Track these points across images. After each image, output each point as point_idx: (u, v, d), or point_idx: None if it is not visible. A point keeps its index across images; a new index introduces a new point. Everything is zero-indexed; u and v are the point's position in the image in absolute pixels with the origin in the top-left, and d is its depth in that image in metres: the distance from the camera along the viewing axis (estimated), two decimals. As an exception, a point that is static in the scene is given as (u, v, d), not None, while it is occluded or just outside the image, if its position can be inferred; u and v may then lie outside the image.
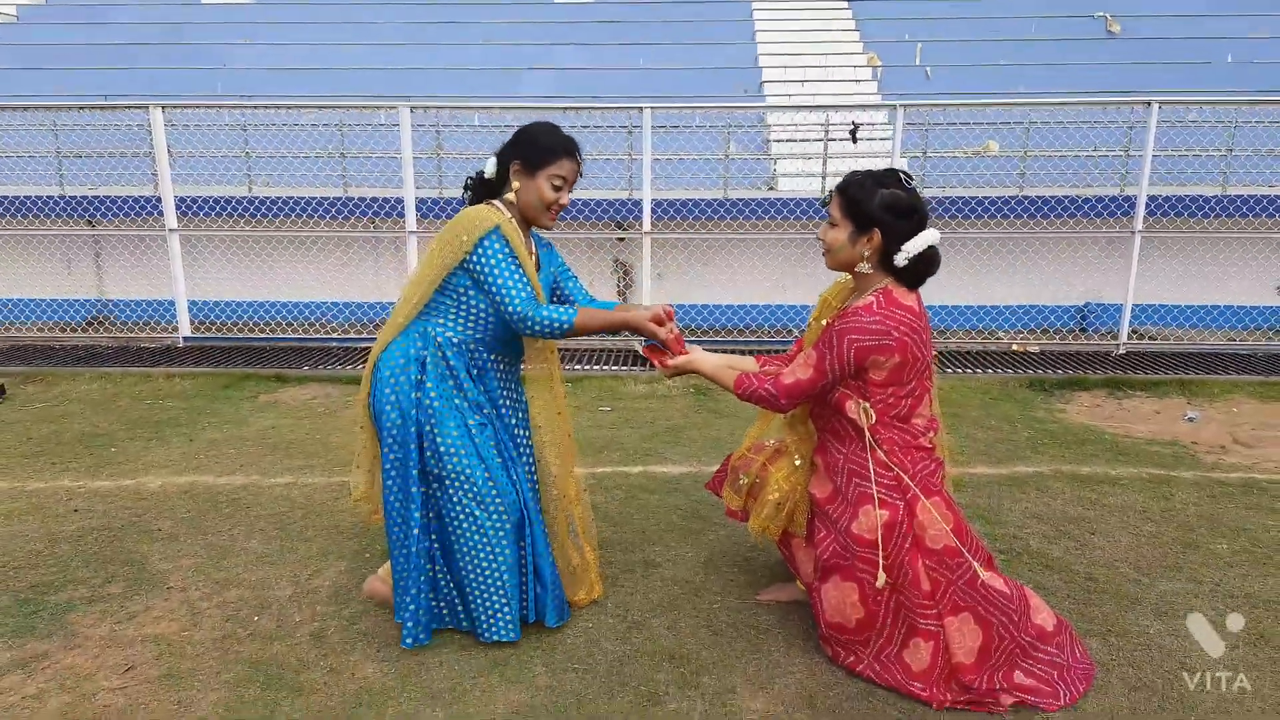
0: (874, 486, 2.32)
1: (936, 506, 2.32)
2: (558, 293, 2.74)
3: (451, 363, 2.51)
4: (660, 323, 2.53)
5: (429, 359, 2.51)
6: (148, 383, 5.57)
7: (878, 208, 2.28)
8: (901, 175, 2.33)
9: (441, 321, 2.54)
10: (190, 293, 6.79)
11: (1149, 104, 6.07)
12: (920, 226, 2.30)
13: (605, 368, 5.92)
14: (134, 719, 2.24)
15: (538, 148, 2.51)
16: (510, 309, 2.42)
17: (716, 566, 3.06)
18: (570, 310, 2.46)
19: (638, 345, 6.54)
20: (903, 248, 2.28)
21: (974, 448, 4.34)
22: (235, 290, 7.44)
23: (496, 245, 2.42)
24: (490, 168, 2.58)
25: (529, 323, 2.43)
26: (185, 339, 6.55)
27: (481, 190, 2.63)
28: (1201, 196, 6.86)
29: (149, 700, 2.32)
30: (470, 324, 2.53)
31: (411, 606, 2.55)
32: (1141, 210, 6.22)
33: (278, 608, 2.80)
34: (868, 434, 2.32)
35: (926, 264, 2.34)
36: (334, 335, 6.85)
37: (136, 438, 4.52)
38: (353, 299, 7.49)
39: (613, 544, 3.24)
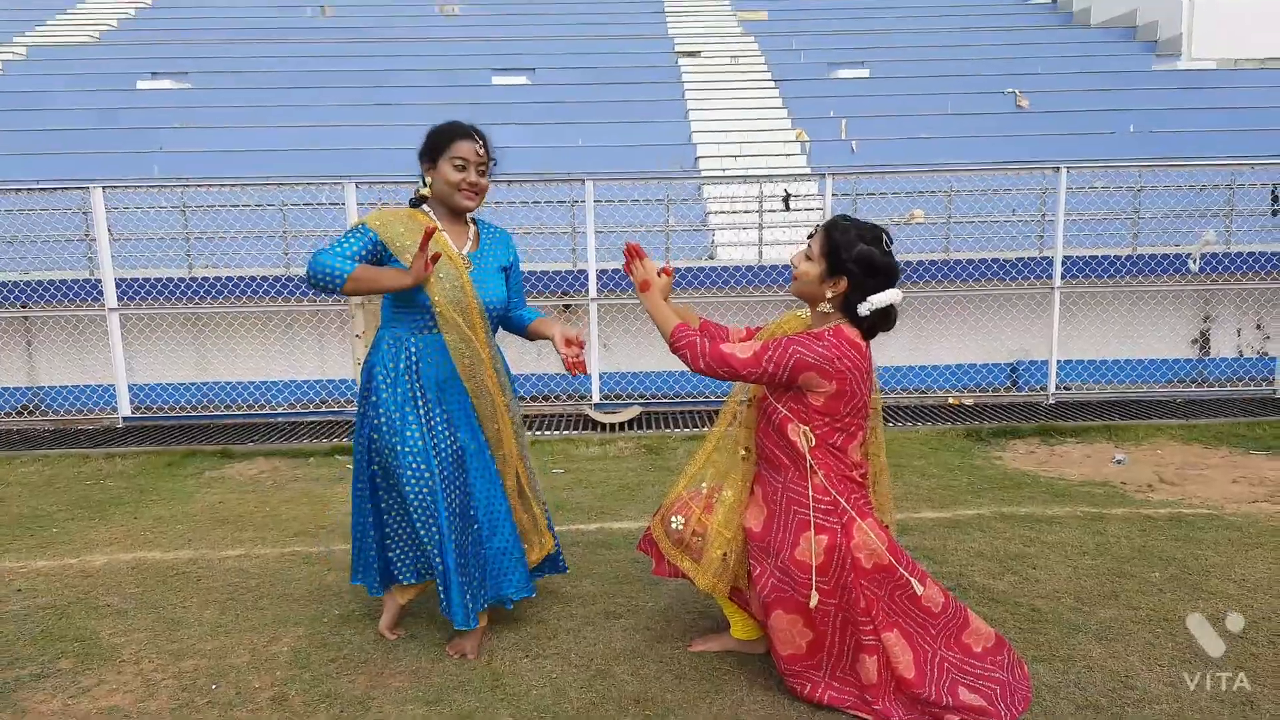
0: (811, 512, 2.43)
1: (871, 528, 2.45)
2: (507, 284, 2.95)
3: (385, 357, 2.78)
4: (418, 275, 2.62)
5: (375, 358, 2.82)
6: (87, 463, 5.45)
7: (853, 259, 2.40)
8: (885, 237, 2.46)
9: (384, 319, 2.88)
10: (129, 377, 6.69)
11: (1058, 169, 6.48)
12: (888, 285, 2.43)
13: (558, 432, 5.98)
14: (92, 790, 2.20)
15: (434, 140, 2.80)
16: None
17: (677, 614, 3.11)
18: (348, 264, 2.62)
19: (590, 410, 6.64)
20: (868, 299, 2.42)
21: (918, 494, 4.48)
22: (176, 373, 7.34)
23: (352, 229, 2.72)
24: (424, 185, 2.85)
25: (308, 264, 2.62)
26: (125, 419, 6.42)
27: (420, 203, 2.88)
28: (1115, 256, 7.27)
29: (107, 771, 2.27)
30: (388, 311, 2.83)
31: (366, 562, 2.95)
32: (1059, 268, 6.59)
33: (236, 675, 2.76)
34: (808, 458, 2.44)
35: (883, 319, 2.48)
36: (280, 411, 6.79)
37: (78, 517, 4.42)
38: (299, 377, 7.44)
39: (573, 597, 3.28)
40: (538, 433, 5.99)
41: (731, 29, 14.76)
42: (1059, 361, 7.05)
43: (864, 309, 2.43)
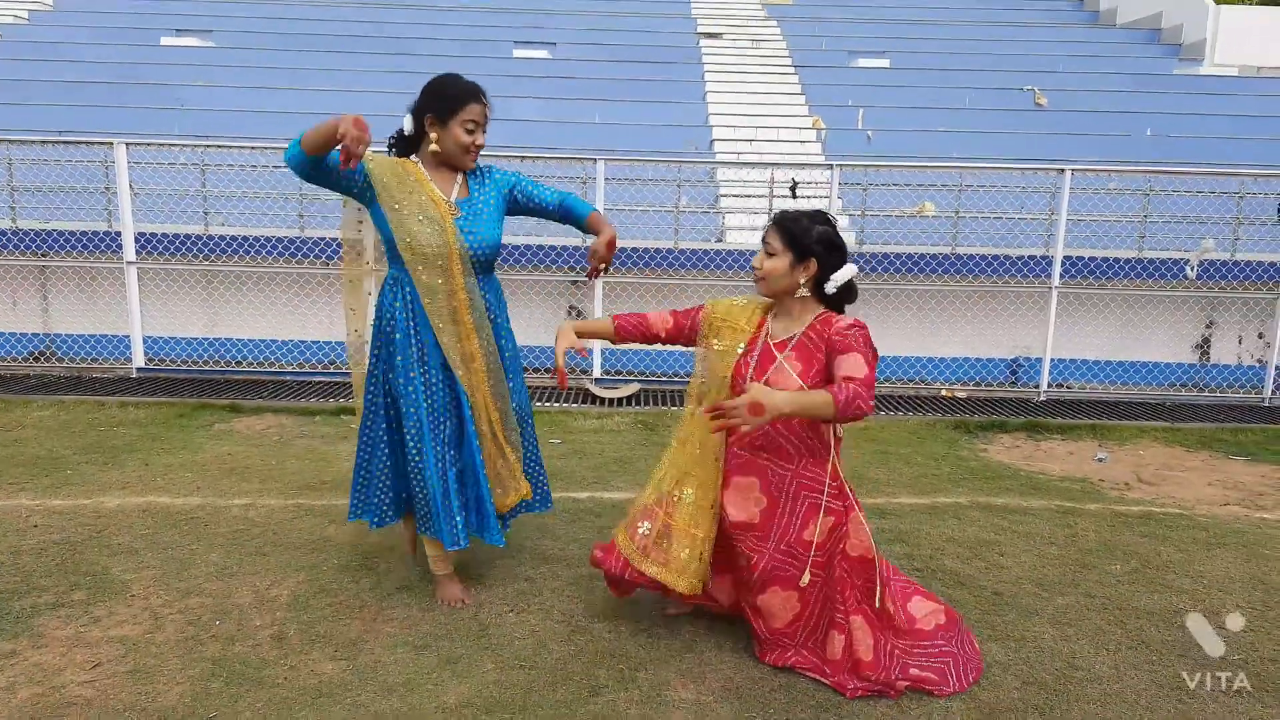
0: (825, 496, 2.59)
1: (865, 520, 2.63)
2: (526, 202, 3.01)
3: (387, 297, 2.92)
4: (347, 126, 2.50)
5: (382, 298, 2.96)
6: (101, 410, 5.64)
7: (815, 241, 2.57)
8: (828, 215, 2.65)
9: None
10: (143, 329, 6.87)
11: (1063, 171, 6.57)
12: (844, 260, 2.62)
13: (557, 404, 6.14)
14: (103, 708, 2.38)
15: (446, 98, 2.79)
16: None
17: (656, 580, 3.27)
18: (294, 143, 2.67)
19: (590, 385, 6.80)
20: (832, 277, 2.59)
21: (899, 480, 4.63)
22: (188, 327, 7.51)
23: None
24: (408, 125, 2.86)
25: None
26: (139, 370, 6.61)
27: (403, 146, 2.92)
28: (1119, 259, 7.36)
29: (117, 692, 2.45)
30: (389, 252, 2.89)
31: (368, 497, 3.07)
32: (1058, 268, 6.69)
33: (238, 614, 2.94)
34: (833, 446, 2.60)
35: (847, 293, 2.67)
36: (288, 370, 6.97)
37: (92, 461, 4.61)
38: (308, 338, 7.60)
39: (560, 559, 3.45)
40: (539, 404, 6.15)
41: (755, 12, 14.76)
42: (1060, 360, 7.16)
43: (830, 287, 2.60)
